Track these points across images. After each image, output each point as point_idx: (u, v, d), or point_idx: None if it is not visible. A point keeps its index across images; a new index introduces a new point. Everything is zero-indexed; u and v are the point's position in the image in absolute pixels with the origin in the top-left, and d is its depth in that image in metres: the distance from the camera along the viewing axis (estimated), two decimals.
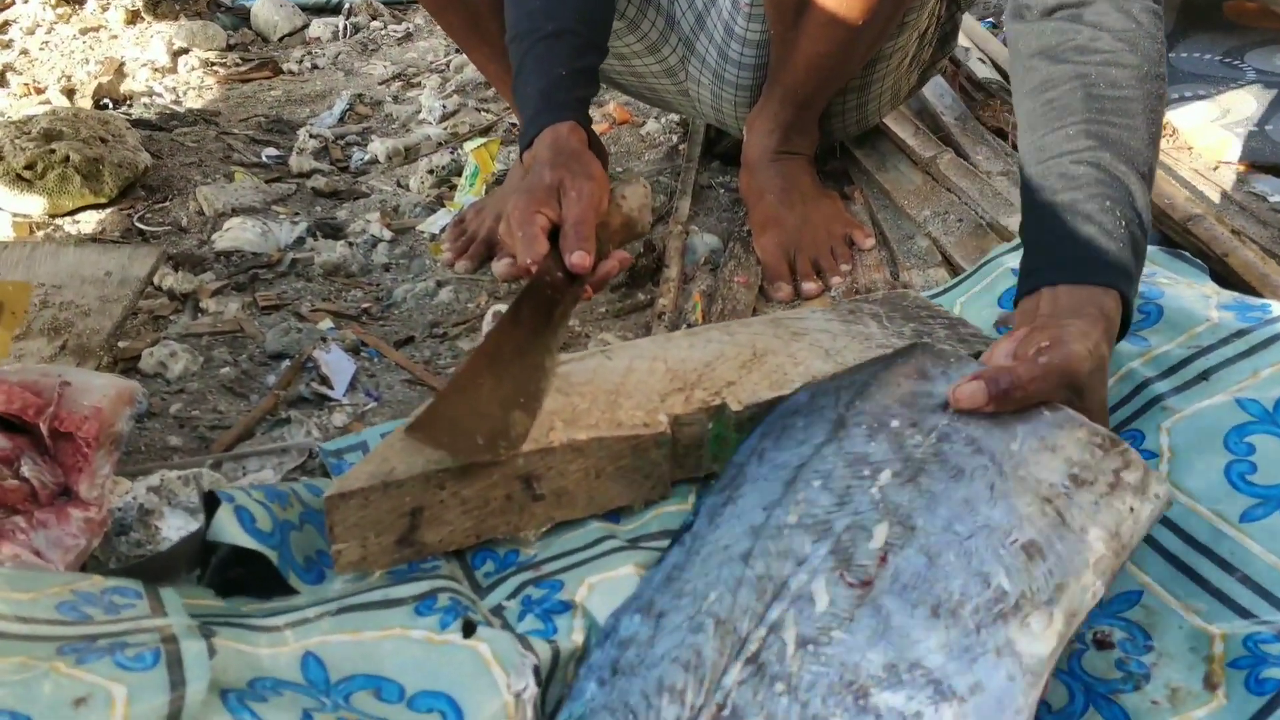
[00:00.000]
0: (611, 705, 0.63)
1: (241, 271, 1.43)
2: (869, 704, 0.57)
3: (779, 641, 0.61)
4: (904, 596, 0.62)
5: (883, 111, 1.51)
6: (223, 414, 1.14)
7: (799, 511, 0.68)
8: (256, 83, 2.26)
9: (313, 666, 0.65)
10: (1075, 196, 0.86)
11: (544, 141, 1.05)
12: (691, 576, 0.68)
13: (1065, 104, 0.89)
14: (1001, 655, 0.59)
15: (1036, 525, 0.65)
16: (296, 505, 0.81)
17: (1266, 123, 1.58)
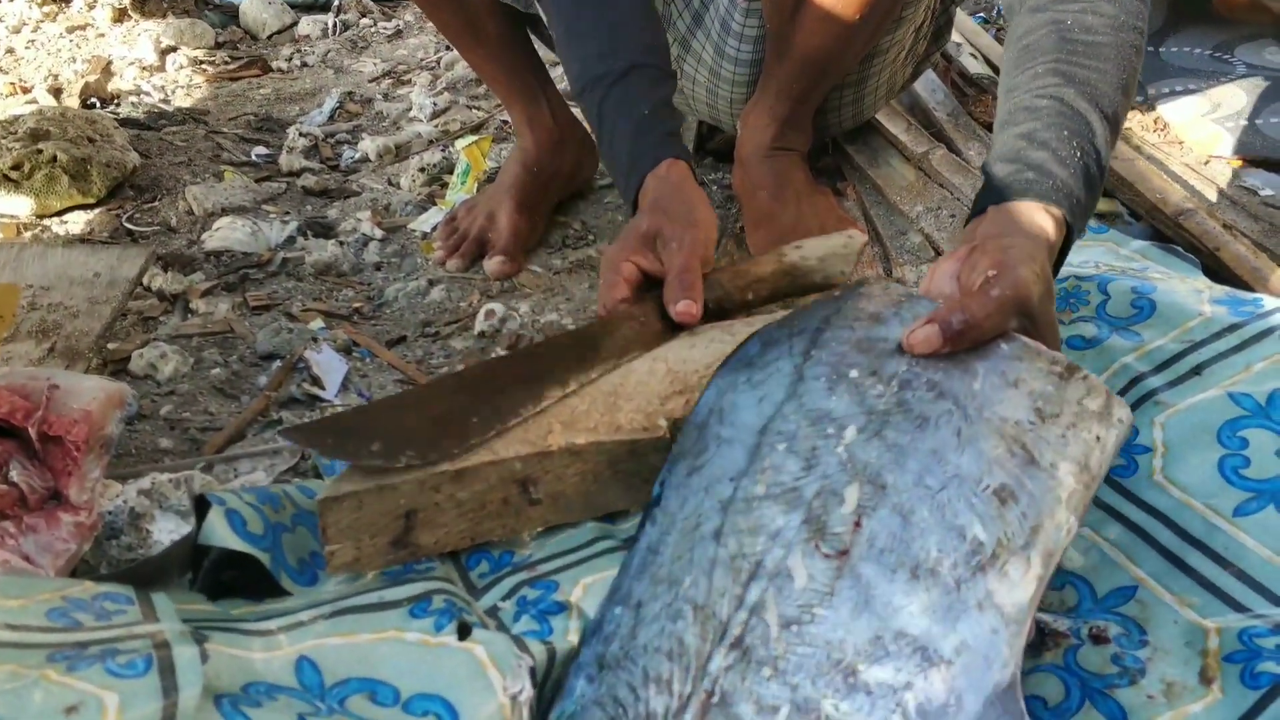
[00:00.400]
0: (601, 700, 0.63)
1: (232, 271, 1.42)
2: (858, 681, 0.57)
3: (761, 624, 0.60)
4: (881, 561, 0.61)
5: (878, 105, 1.50)
6: (214, 416, 1.13)
7: (766, 480, 0.66)
8: (245, 81, 2.25)
9: (307, 670, 0.64)
10: (1034, 126, 0.87)
11: (645, 190, 1.01)
12: (665, 560, 0.67)
13: (1038, 45, 0.91)
14: (983, 609, 0.59)
15: (1006, 468, 0.64)
16: (289, 507, 0.80)
17: (1257, 117, 1.58)
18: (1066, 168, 0.85)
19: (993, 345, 0.73)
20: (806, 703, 0.57)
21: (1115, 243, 1.20)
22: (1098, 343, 1.02)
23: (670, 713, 0.59)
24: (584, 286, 1.37)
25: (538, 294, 1.35)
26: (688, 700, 0.59)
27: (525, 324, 1.28)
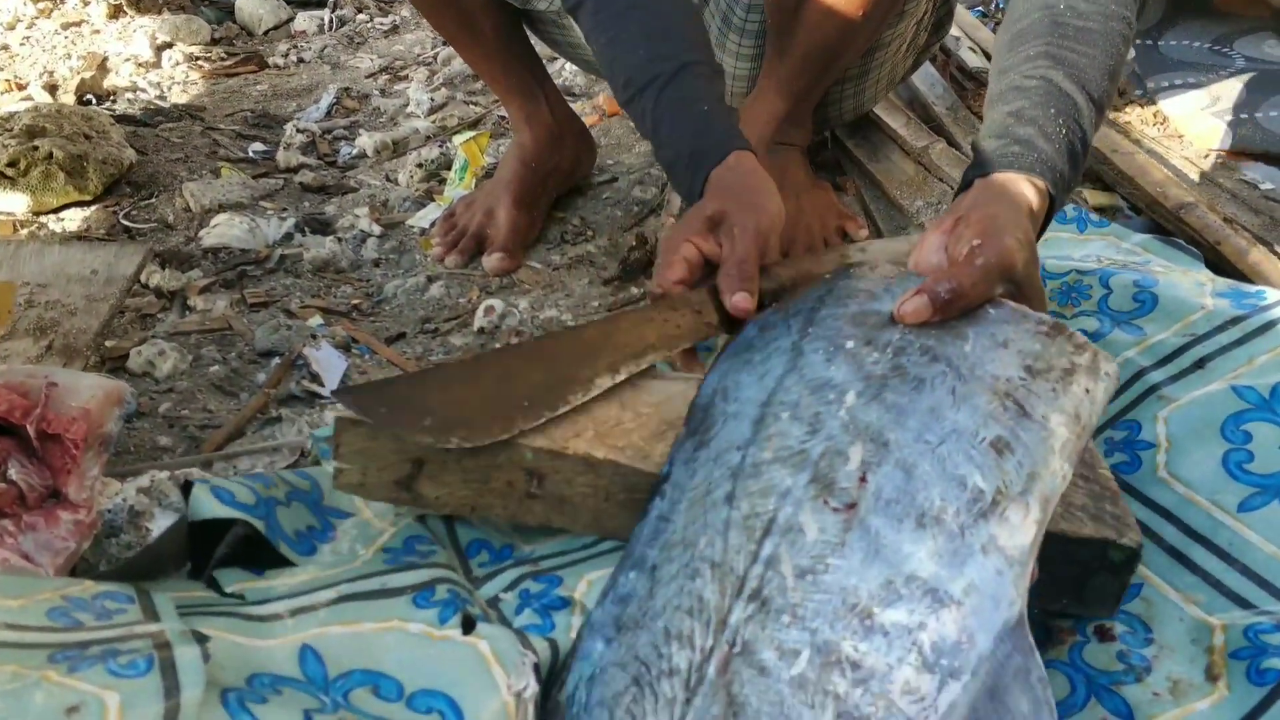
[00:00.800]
0: (622, 660, 0.63)
1: (229, 268, 1.42)
2: (874, 623, 0.58)
3: (777, 575, 0.61)
4: (888, 513, 0.63)
5: (878, 97, 1.50)
6: (213, 413, 1.13)
7: (773, 446, 0.68)
8: (242, 77, 2.24)
9: (311, 661, 0.64)
10: (1022, 104, 0.90)
11: (712, 181, 0.97)
12: (679, 526, 0.68)
13: (1031, 29, 0.95)
14: (988, 552, 0.61)
15: (1000, 421, 0.67)
16: (281, 485, 0.80)
17: (1256, 110, 1.58)
18: (1051, 143, 0.88)
19: (982, 311, 0.76)
20: (827, 645, 0.58)
21: (1117, 236, 1.19)
22: (1100, 337, 1.01)
23: (693, 666, 0.60)
24: (583, 282, 1.36)
25: (537, 290, 1.35)
26: (710, 652, 0.60)
27: (524, 320, 1.28)
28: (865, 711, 0.56)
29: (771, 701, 0.57)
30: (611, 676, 0.63)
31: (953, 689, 0.56)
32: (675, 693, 0.59)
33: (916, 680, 0.57)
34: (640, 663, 0.62)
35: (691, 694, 0.59)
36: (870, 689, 0.56)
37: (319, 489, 0.83)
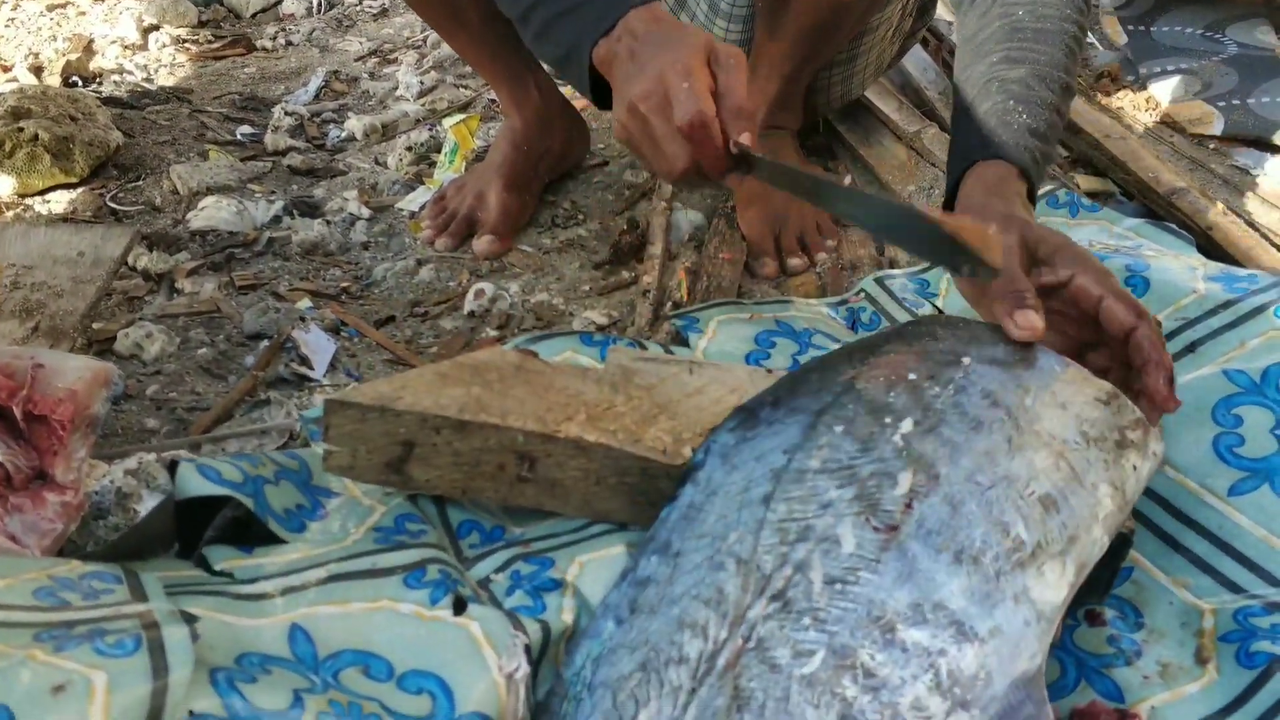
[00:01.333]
0: (631, 643, 0.63)
1: (217, 251, 1.41)
2: (895, 638, 0.58)
3: (805, 580, 0.61)
4: (928, 542, 0.62)
5: (866, 83, 1.49)
6: (201, 395, 1.12)
7: (822, 456, 0.68)
8: (230, 60, 2.22)
9: (300, 640, 0.64)
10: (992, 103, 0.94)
11: (640, 17, 0.87)
12: (709, 518, 0.68)
13: (991, 38, 0.99)
14: (1019, 602, 0.61)
15: (1051, 479, 0.67)
16: (269, 465, 0.80)
17: (1248, 96, 1.58)
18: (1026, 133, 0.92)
19: (1047, 367, 0.75)
20: (844, 649, 0.58)
21: (1109, 221, 1.19)
22: None
23: (704, 656, 0.60)
24: (574, 266, 1.36)
25: (528, 273, 1.34)
26: (723, 644, 0.60)
27: (515, 304, 1.27)
28: (870, 718, 0.55)
29: (777, 697, 0.57)
30: (619, 658, 0.63)
31: (960, 718, 0.56)
32: (681, 681, 0.59)
33: (927, 700, 0.56)
34: (650, 647, 0.62)
35: (698, 684, 0.59)
36: (880, 698, 0.56)
37: (308, 469, 0.83)
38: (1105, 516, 0.67)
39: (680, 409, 0.81)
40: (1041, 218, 1.21)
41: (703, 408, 0.82)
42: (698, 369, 0.88)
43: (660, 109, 0.81)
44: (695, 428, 0.78)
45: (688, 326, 1.08)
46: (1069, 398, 0.73)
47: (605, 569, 0.72)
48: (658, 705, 0.59)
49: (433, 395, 0.76)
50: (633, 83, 0.83)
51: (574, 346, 1.01)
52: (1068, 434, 0.70)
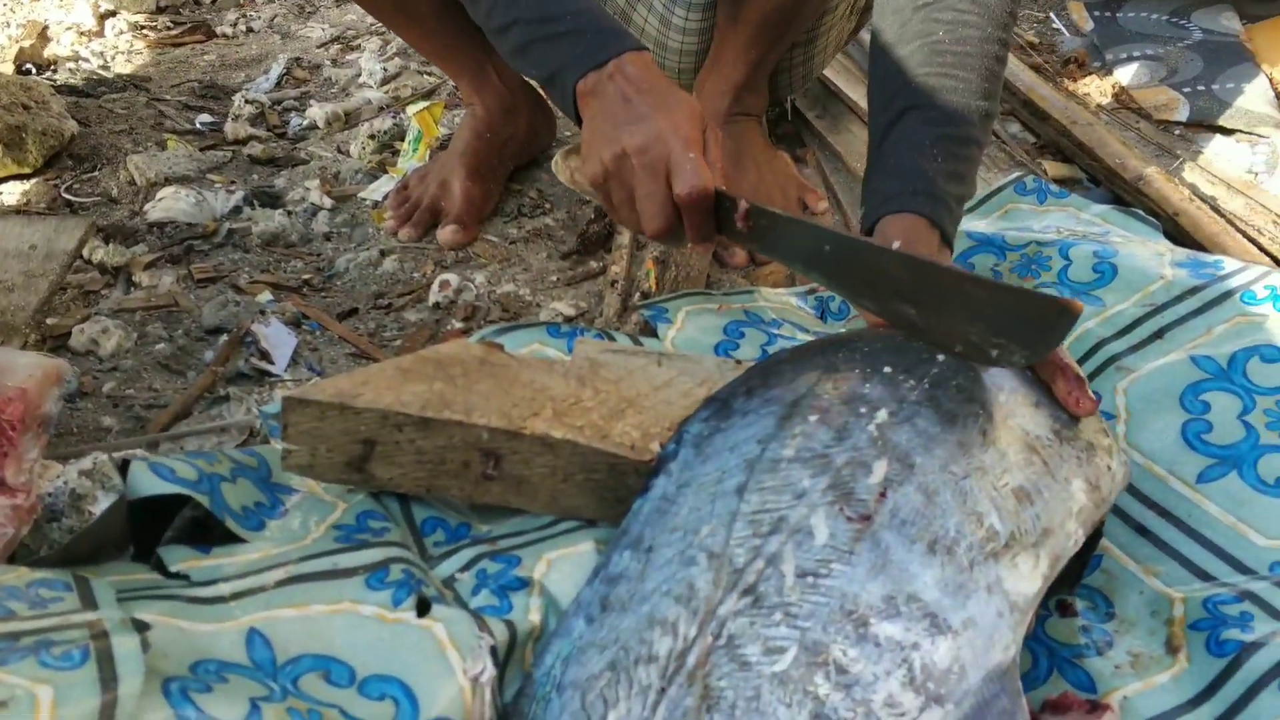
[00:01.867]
0: (601, 642, 0.62)
1: (176, 243, 1.38)
2: (868, 632, 0.58)
3: (777, 574, 0.60)
4: (902, 532, 0.62)
5: (826, 62, 1.48)
6: (158, 392, 1.10)
7: (796, 445, 0.67)
8: (189, 47, 2.18)
9: (259, 645, 0.62)
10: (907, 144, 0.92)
11: (636, 63, 0.88)
12: (682, 510, 0.67)
13: (909, 58, 0.94)
14: (992, 592, 0.61)
15: (1025, 472, 0.67)
16: (226, 462, 0.78)
17: (1213, 82, 1.59)
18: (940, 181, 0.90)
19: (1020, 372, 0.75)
20: (816, 645, 0.57)
21: (1076, 207, 1.19)
22: None
23: (674, 654, 0.59)
24: (541, 256, 1.34)
25: (494, 264, 1.32)
26: (693, 642, 0.59)
27: (481, 295, 1.26)
28: (843, 715, 0.55)
29: (747, 696, 0.56)
30: (589, 657, 0.62)
31: (934, 713, 0.56)
32: (651, 680, 0.58)
33: (900, 695, 0.56)
34: (620, 646, 0.61)
35: (667, 683, 0.58)
36: (853, 695, 0.55)
37: (267, 466, 0.81)
38: (1079, 511, 0.67)
39: (648, 403, 0.80)
40: (1009, 204, 1.21)
41: (671, 401, 0.80)
42: (666, 361, 0.87)
43: (654, 168, 0.83)
44: (664, 422, 0.77)
45: (656, 317, 1.07)
46: (1041, 397, 0.73)
47: (573, 567, 0.71)
48: (627, 706, 0.58)
49: (394, 391, 0.75)
50: (627, 131, 0.84)
51: (541, 338, 1.00)
52: (1041, 430, 0.69)
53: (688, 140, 0.83)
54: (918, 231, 0.88)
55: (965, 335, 0.72)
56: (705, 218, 0.83)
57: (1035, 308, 0.68)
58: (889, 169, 0.92)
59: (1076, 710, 0.64)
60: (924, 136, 0.92)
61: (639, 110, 0.85)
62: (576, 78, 0.88)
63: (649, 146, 0.83)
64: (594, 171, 0.86)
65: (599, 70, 0.87)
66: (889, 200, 0.90)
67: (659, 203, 0.83)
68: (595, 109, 0.87)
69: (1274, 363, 0.87)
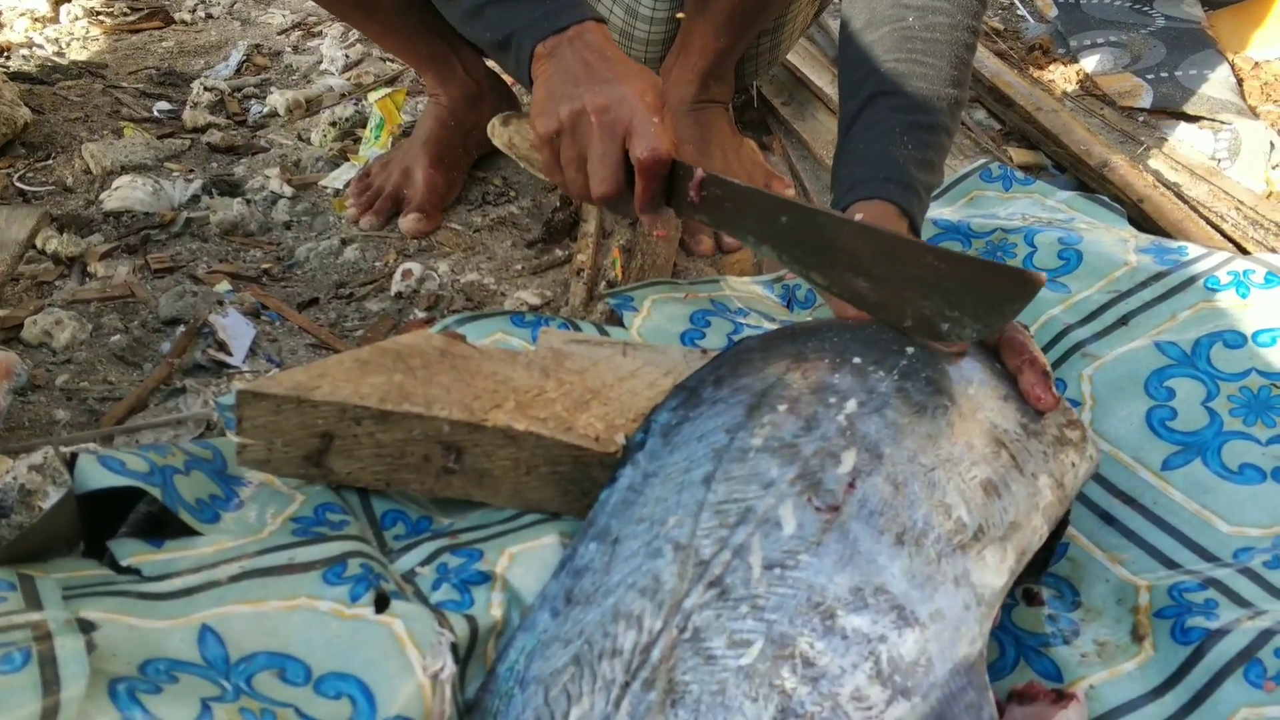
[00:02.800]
0: (565, 636, 0.61)
1: (132, 233, 1.35)
2: (835, 625, 0.57)
3: (744, 565, 0.59)
4: (870, 523, 0.61)
5: (790, 47, 1.48)
6: (114, 385, 1.07)
7: (764, 434, 0.66)
8: (146, 33, 2.14)
9: (211, 642, 0.60)
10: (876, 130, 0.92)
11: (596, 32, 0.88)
12: (649, 500, 0.66)
13: (878, 44, 0.94)
14: (959, 585, 0.60)
15: (993, 465, 0.66)
16: (179, 455, 0.76)
17: (1175, 69, 1.59)
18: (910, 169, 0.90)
19: (987, 362, 0.75)
20: (782, 638, 0.56)
21: (1041, 194, 1.19)
22: None
23: (638, 648, 0.58)
24: (505, 244, 1.33)
25: (457, 252, 1.31)
26: (658, 635, 0.58)
27: (444, 284, 1.24)
28: (809, 709, 0.54)
29: (713, 690, 0.55)
30: (553, 652, 0.60)
31: (901, 706, 0.55)
32: (615, 674, 0.57)
33: (868, 689, 0.55)
34: (584, 639, 0.60)
35: (631, 677, 0.57)
36: (819, 688, 0.55)
37: (222, 458, 0.79)
38: (1045, 506, 0.67)
39: (613, 394, 0.79)
40: (975, 192, 1.21)
41: (636, 392, 0.79)
42: (632, 351, 0.86)
43: (613, 128, 0.82)
44: (629, 413, 0.76)
45: (622, 306, 1.05)
46: (1010, 392, 0.72)
47: (536, 560, 0.70)
48: (590, 701, 0.57)
49: (352, 384, 0.73)
50: (590, 90, 0.83)
51: (504, 328, 0.99)
52: (1009, 425, 0.69)
53: (651, 105, 0.82)
54: (887, 218, 0.88)
55: (919, 309, 0.72)
56: (658, 185, 0.82)
57: (996, 279, 0.68)
58: (858, 155, 0.92)
59: (1042, 700, 0.64)
60: (893, 123, 0.91)
61: (602, 74, 0.84)
62: (536, 39, 0.87)
63: (611, 106, 0.82)
64: (546, 128, 0.85)
65: (559, 34, 0.87)
66: (858, 186, 0.89)
67: (612, 164, 0.82)
68: (552, 70, 0.86)
69: (1237, 349, 0.87)
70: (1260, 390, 0.84)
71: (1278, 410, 0.83)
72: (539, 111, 0.86)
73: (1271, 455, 0.80)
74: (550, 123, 0.85)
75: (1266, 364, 0.86)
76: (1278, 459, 0.80)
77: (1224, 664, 0.65)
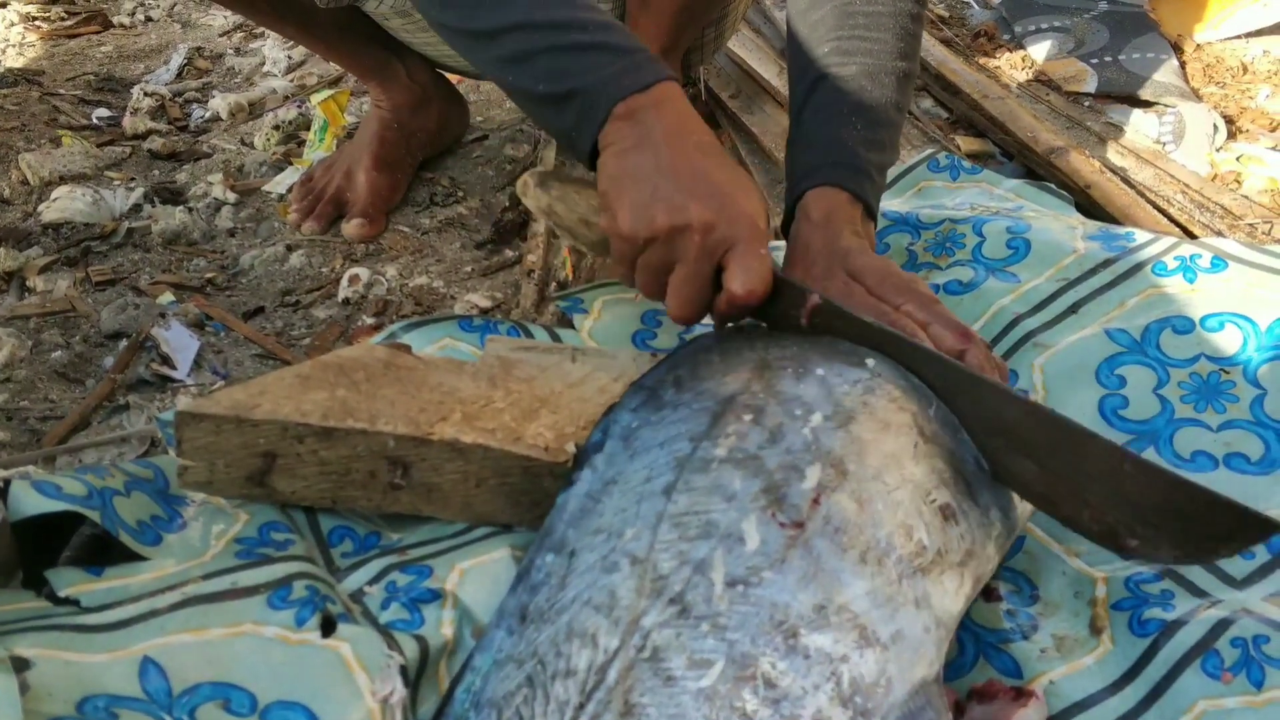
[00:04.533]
0: (519, 655, 0.59)
1: (72, 245, 1.32)
2: (798, 644, 0.56)
3: (705, 581, 0.58)
4: (835, 540, 0.60)
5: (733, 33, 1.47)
6: (55, 403, 1.05)
7: (729, 445, 0.65)
8: (84, 38, 2.10)
9: (153, 675, 0.59)
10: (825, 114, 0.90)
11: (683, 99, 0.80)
12: (607, 510, 0.64)
13: (821, 23, 0.93)
14: (920, 607, 0.60)
15: (951, 491, 0.66)
16: (119, 475, 0.74)
17: (1119, 53, 1.60)
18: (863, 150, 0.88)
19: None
20: (744, 658, 0.55)
21: (990, 183, 1.19)
22: (974, 286, 1.01)
23: (594, 668, 0.56)
24: (454, 246, 1.31)
25: (405, 256, 1.29)
26: (615, 654, 0.56)
27: (393, 288, 1.22)
28: None
29: (671, 713, 0.53)
30: (507, 672, 0.59)
31: None
32: (569, 696, 0.56)
33: (829, 710, 0.54)
34: (538, 659, 0.58)
35: (586, 699, 0.55)
36: (781, 710, 0.53)
37: (164, 477, 0.77)
38: (997, 536, 0.67)
39: (562, 401, 0.77)
40: (923, 182, 1.20)
41: (586, 398, 0.78)
42: (581, 357, 0.85)
43: (714, 252, 0.73)
44: (579, 420, 0.75)
45: (572, 308, 1.04)
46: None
47: (488, 576, 0.68)
48: None
49: (293, 401, 0.71)
50: (699, 202, 0.73)
51: (452, 333, 0.97)
52: (965, 454, 0.68)
53: (760, 236, 0.74)
54: (839, 206, 0.86)
55: (1102, 515, 0.64)
56: (742, 316, 0.77)
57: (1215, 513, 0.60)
58: (808, 141, 0.91)
59: (1002, 698, 0.64)
60: (841, 104, 0.90)
61: (710, 179, 0.74)
62: (619, 97, 0.76)
63: (719, 226, 0.73)
64: (637, 230, 0.74)
65: (642, 93, 0.77)
66: (810, 175, 0.88)
67: (701, 287, 0.74)
68: (640, 147, 0.76)
69: (1186, 334, 0.88)
70: (1210, 376, 0.84)
71: (1228, 395, 0.83)
72: (623, 203, 0.75)
73: (1222, 442, 0.80)
74: (641, 226, 0.74)
75: (1215, 349, 0.86)
76: (1229, 445, 0.80)
77: (1182, 655, 0.65)
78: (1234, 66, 1.61)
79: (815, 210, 0.87)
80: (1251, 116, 1.48)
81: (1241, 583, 0.71)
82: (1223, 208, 1.23)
